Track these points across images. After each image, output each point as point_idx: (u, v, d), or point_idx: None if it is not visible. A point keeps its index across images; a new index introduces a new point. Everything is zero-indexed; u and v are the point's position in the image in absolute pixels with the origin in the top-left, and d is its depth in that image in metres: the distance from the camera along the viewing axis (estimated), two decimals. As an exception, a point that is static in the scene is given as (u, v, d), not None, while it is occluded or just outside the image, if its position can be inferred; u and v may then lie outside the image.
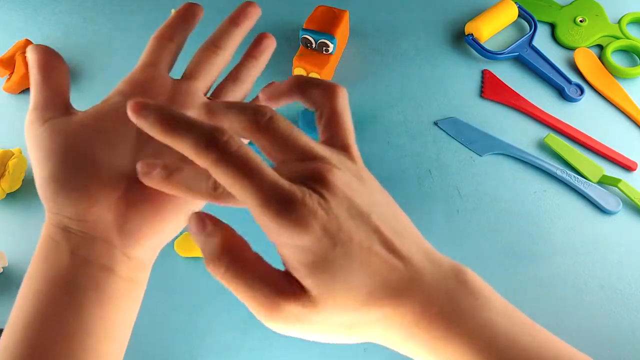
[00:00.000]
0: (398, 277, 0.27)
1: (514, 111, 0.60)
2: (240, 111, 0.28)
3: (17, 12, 0.67)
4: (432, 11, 0.67)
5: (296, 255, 0.27)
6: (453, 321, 0.28)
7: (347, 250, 0.26)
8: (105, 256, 0.31)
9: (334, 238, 0.26)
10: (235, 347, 0.47)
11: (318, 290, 0.26)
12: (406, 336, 0.29)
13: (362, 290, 0.27)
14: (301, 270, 0.27)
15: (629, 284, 0.50)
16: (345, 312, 0.27)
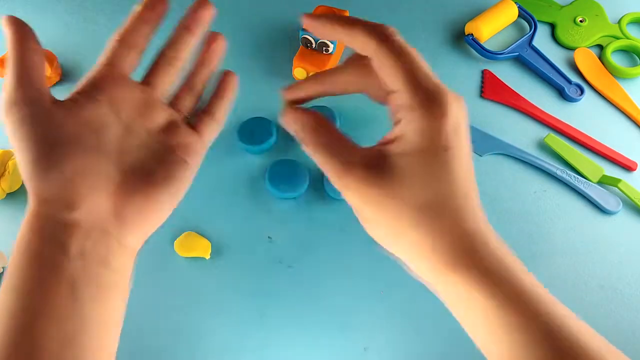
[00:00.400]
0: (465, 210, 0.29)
1: (514, 111, 0.60)
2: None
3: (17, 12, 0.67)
4: (432, 11, 0.67)
5: (413, 133, 0.28)
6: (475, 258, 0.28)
7: (454, 159, 0.29)
8: (101, 247, 0.30)
9: (455, 139, 0.29)
10: (235, 347, 0.47)
11: (401, 169, 0.29)
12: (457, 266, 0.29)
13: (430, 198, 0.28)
14: (405, 145, 0.29)
15: (629, 284, 0.50)
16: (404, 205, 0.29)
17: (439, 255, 0.29)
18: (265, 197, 0.54)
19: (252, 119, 0.57)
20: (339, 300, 0.49)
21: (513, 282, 0.28)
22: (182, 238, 0.51)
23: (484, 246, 0.28)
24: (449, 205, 0.28)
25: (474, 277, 0.28)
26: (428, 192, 0.28)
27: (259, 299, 0.49)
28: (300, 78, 0.60)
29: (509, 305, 0.27)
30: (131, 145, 0.33)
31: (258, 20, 0.66)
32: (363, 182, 0.29)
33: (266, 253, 0.51)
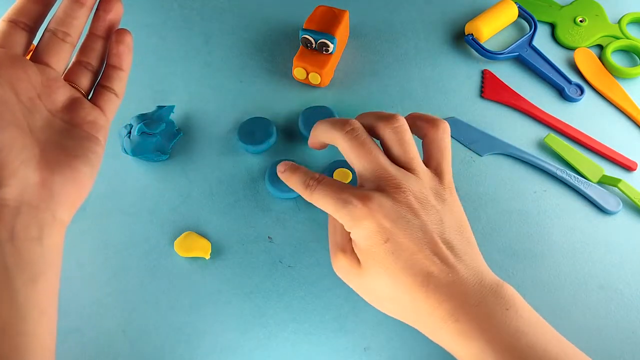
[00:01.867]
0: (438, 278, 0.33)
1: (514, 111, 0.60)
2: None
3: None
4: (432, 11, 0.67)
5: (356, 238, 0.35)
6: (479, 322, 0.32)
7: (396, 247, 0.34)
8: (33, 224, 0.29)
9: (386, 235, 0.34)
10: (235, 347, 0.47)
11: (366, 265, 0.35)
12: (433, 327, 0.34)
13: (402, 279, 0.34)
14: (357, 248, 0.36)
15: (629, 284, 0.50)
16: (383, 289, 0.35)
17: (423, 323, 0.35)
18: (265, 197, 0.54)
19: (252, 119, 0.57)
20: (339, 300, 0.49)
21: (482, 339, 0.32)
22: (182, 238, 0.51)
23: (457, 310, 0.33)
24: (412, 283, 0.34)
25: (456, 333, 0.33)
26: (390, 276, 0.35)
27: (259, 299, 0.49)
28: (300, 78, 0.60)
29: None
30: (37, 126, 0.32)
31: (258, 20, 0.66)
32: (346, 269, 0.37)
33: (266, 253, 0.51)
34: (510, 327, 0.31)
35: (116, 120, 0.59)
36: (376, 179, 0.35)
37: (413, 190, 0.35)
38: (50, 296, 0.31)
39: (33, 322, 0.29)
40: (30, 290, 0.29)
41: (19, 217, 0.29)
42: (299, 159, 0.56)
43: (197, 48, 0.63)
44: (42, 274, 0.30)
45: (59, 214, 0.31)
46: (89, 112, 0.36)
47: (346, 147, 0.37)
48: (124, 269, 0.50)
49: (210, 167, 0.56)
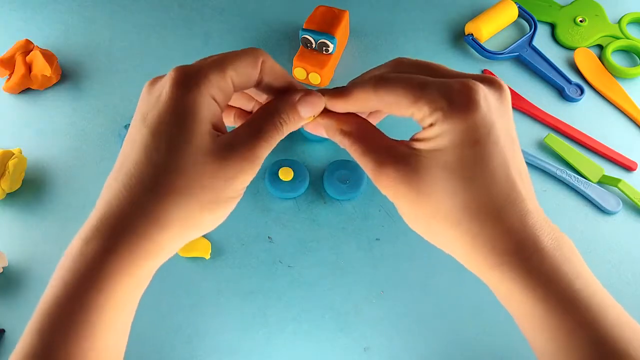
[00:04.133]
0: (516, 203, 0.28)
1: (514, 111, 0.60)
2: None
3: (17, 12, 0.67)
4: (432, 11, 0.67)
5: (438, 133, 0.27)
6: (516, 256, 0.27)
7: (488, 154, 0.27)
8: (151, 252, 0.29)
9: (481, 136, 0.27)
10: (235, 347, 0.47)
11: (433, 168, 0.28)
12: (495, 265, 0.28)
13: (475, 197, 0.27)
14: (433, 144, 0.28)
15: (629, 284, 0.50)
16: (444, 204, 0.28)
17: (479, 253, 0.28)
18: (265, 197, 0.54)
19: (252, 119, 0.57)
20: (339, 300, 0.49)
21: (560, 285, 0.27)
22: (182, 238, 0.51)
23: (527, 244, 0.27)
24: (487, 205, 0.27)
25: (518, 276, 0.27)
26: (464, 194, 0.27)
27: (259, 299, 0.49)
28: (300, 78, 0.60)
29: (555, 308, 0.27)
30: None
31: (258, 20, 0.66)
32: (396, 181, 0.29)
33: (266, 253, 0.51)
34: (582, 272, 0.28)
35: (116, 120, 0.59)
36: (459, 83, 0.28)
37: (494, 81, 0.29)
38: (132, 315, 0.32)
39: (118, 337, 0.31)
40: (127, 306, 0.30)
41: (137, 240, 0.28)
42: (299, 159, 0.55)
43: (197, 48, 0.63)
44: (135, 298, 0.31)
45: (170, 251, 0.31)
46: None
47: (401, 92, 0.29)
48: (124, 269, 0.50)
49: (210, 167, 0.56)
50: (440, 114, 0.27)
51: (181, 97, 0.28)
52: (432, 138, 0.28)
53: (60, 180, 0.55)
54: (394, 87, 0.28)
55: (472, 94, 0.27)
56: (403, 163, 0.29)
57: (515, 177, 0.28)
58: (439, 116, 0.27)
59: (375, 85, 0.29)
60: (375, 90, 0.29)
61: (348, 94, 0.31)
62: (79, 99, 0.60)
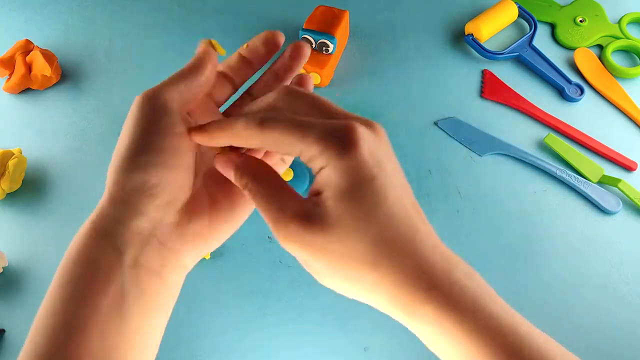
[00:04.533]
0: (417, 236, 0.27)
1: (514, 111, 0.60)
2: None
3: (17, 12, 0.67)
4: (432, 11, 0.67)
5: (334, 176, 0.27)
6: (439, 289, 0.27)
7: (383, 188, 0.27)
8: (157, 260, 0.30)
9: (374, 170, 0.27)
10: (235, 347, 0.47)
11: (336, 218, 0.27)
12: (414, 302, 0.28)
13: (382, 233, 0.27)
14: (331, 190, 0.27)
15: (629, 283, 0.50)
16: (354, 249, 0.27)
17: (401, 296, 0.28)
18: (265, 197, 0.54)
19: (252, 119, 0.57)
20: (339, 300, 0.49)
21: (482, 313, 0.27)
22: (182, 238, 0.51)
23: (444, 278, 0.27)
24: (396, 240, 0.27)
25: (441, 311, 0.27)
26: (369, 231, 0.27)
27: (259, 298, 0.49)
28: (300, 78, 0.60)
29: (481, 338, 0.27)
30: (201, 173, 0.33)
31: (258, 20, 0.66)
32: (300, 234, 0.28)
33: (266, 253, 0.51)
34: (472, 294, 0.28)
35: (116, 120, 0.59)
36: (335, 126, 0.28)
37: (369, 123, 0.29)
38: (156, 332, 0.31)
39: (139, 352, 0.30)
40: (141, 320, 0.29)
41: (146, 247, 0.29)
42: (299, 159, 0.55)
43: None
44: (153, 308, 0.30)
45: (182, 258, 0.31)
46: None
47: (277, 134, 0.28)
48: (124, 269, 0.50)
49: (210, 167, 0.56)
50: (326, 156, 0.27)
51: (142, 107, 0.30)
52: (326, 183, 0.27)
53: (60, 180, 0.55)
54: (279, 128, 0.28)
55: (354, 134, 0.27)
56: (305, 214, 0.28)
57: (412, 212, 0.28)
58: (326, 158, 0.27)
59: (261, 124, 0.28)
60: (261, 129, 0.28)
61: (231, 128, 0.29)
62: (79, 99, 0.60)
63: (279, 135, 0.28)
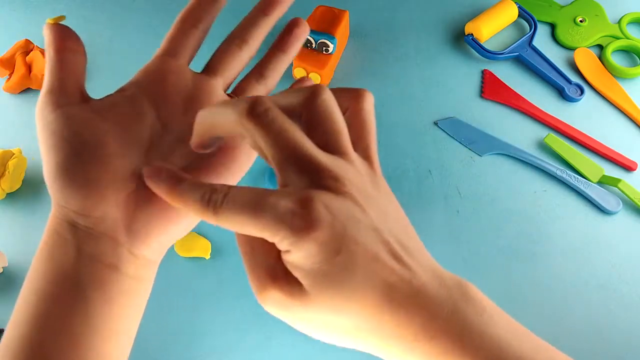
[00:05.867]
0: (402, 288, 0.27)
1: (514, 111, 0.60)
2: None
3: (17, 12, 0.67)
4: (432, 11, 0.67)
5: (297, 258, 0.25)
6: (456, 336, 0.27)
7: (351, 258, 0.26)
8: (111, 254, 0.30)
9: (338, 244, 0.25)
10: (235, 347, 0.47)
11: (315, 291, 0.26)
12: (405, 349, 0.27)
13: (362, 298, 0.26)
14: (300, 272, 0.26)
15: (629, 284, 0.50)
16: (340, 315, 0.26)
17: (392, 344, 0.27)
18: (265, 197, 0.54)
19: (252, 119, 0.57)
20: (339, 300, 0.49)
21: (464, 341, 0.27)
22: (182, 238, 0.51)
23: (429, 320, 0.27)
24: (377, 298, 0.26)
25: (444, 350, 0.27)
26: (347, 306, 0.26)
27: (259, 299, 0.49)
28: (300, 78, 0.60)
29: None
30: (163, 145, 0.31)
31: (258, 20, 0.66)
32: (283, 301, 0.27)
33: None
34: (491, 336, 0.27)
35: (116, 120, 0.59)
36: (304, 171, 0.26)
37: (353, 181, 0.27)
38: (126, 321, 0.31)
39: (102, 341, 0.30)
40: (103, 310, 0.30)
41: (99, 243, 0.30)
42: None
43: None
44: (117, 299, 0.30)
45: (137, 250, 0.31)
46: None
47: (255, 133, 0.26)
48: (124, 269, 0.50)
49: (210, 167, 0.56)
50: (286, 244, 0.25)
51: None
52: (295, 266, 0.26)
53: (60, 180, 0.55)
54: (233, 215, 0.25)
55: (311, 211, 0.25)
56: (289, 285, 0.26)
57: (390, 263, 0.26)
58: (287, 245, 0.25)
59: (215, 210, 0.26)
60: (215, 215, 0.26)
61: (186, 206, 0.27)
62: (79, 99, 0.60)
63: (238, 223, 0.26)
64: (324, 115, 0.27)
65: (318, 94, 0.27)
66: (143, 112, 0.31)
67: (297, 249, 0.25)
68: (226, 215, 0.25)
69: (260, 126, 0.26)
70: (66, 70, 0.31)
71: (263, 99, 0.26)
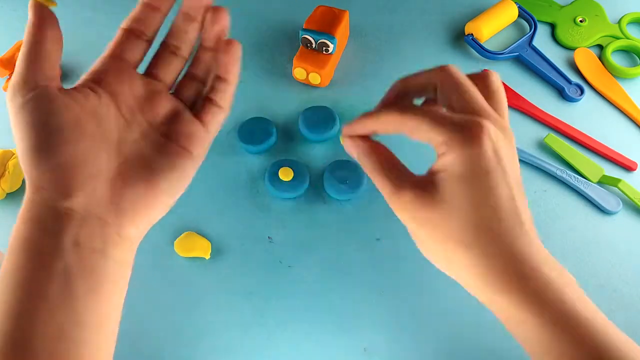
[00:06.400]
0: (520, 233, 0.30)
1: (514, 111, 0.60)
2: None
3: (17, 12, 0.67)
4: (432, 11, 0.67)
5: (454, 162, 0.30)
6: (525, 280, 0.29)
7: (496, 184, 0.30)
8: (98, 237, 0.30)
9: (494, 163, 0.30)
10: (235, 347, 0.47)
11: (447, 196, 0.30)
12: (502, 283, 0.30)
13: (485, 219, 0.30)
14: (448, 173, 0.30)
15: (629, 284, 0.50)
16: (456, 227, 0.30)
17: (490, 278, 0.30)
18: (265, 197, 0.54)
19: (252, 119, 0.57)
20: (339, 300, 0.49)
21: (563, 306, 0.29)
22: (182, 238, 0.51)
23: (534, 270, 0.30)
24: (496, 229, 0.30)
25: (525, 299, 0.29)
26: (475, 216, 0.30)
27: (259, 299, 0.49)
28: (300, 78, 0.60)
29: (559, 329, 0.29)
30: (131, 138, 0.33)
31: (258, 20, 0.66)
32: (413, 204, 0.32)
33: (266, 253, 0.51)
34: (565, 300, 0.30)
35: (116, 120, 0.59)
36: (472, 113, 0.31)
37: (508, 127, 0.32)
38: (110, 309, 0.31)
39: (89, 331, 0.29)
40: (90, 300, 0.29)
41: (84, 227, 0.29)
42: (299, 159, 0.56)
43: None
44: (102, 286, 0.30)
45: (125, 230, 0.31)
46: (188, 125, 0.35)
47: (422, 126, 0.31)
48: (124, 269, 0.50)
49: (210, 167, 0.56)
50: (453, 144, 0.30)
51: None
52: (446, 166, 0.31)
53: (60, 180, 0.55)
54: (417, 115, 0.31)
55: (480, 131, 0.30)
56: (420, 187, 0.32)
57: (520, 208, 0.31)
58: (452, 145, 0.30)
59: (402, 110, 0.32)
60: (402, 115, 0.32)
61: (377, 114, 0.34)
62: (79, 99, 0.60)
63: (415, 122, 0.31)
64: (458, 80, 0.33)
65: (448, 67, 0.33)
66: (108, 106, 0.32)
67: (457, 154, 0.30)
68: (410, 116, 0.32)
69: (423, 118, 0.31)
70: (41, 56, 0.31)
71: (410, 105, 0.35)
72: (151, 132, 0.34)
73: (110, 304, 0.31)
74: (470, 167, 0.30)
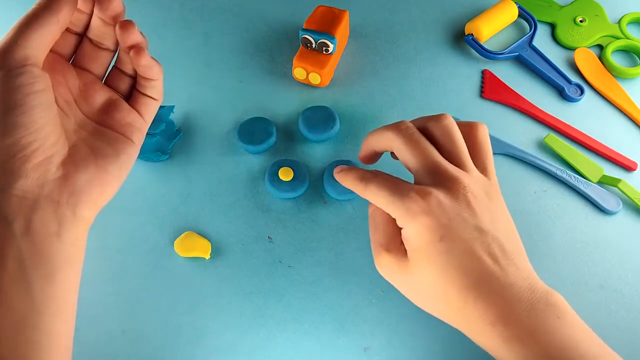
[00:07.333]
0: (490, 281, 0.33)
1: (514, 111, 0.60)
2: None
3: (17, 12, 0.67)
4: (432, 11, 0.67)
5: (409, 234, 0.34)
6: (530, 328, 0.31)
7: (450, 246, 0.33)
8: (52, 220, 0.29)
9: (441, 233, 0.33)
10: (235, 347, 0.47)
11: (416, 263, 0.34)
12: (480, 330, 0.33)
13: (451, 280, 0.33)
14: (409, 245, 0.35)
15: (629, 283, 0.50)
16: (431, 288, 0.34)
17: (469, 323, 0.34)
18: (265, 197, 0.54)
19: (252, 119, 0.57)
20: (339, 300, 0.49)
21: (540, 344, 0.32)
22: (182, 238, 0.51)
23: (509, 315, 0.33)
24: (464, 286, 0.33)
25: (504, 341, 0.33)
26: (441, 281, 0.33)
27: (259, 299, 0.49)
28: (300, 78, 0.60)
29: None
30: (71, 128, 0.33)
31: (258, 20, 0.66)
32: (390, 267, 0.36)
33: (266, 253, 0.51)
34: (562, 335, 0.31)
35: (116, 120, 0.59)
36: (432, 174, 0.35)
37: (468, 186, 0.35)
38: (68, 294, 0.31)
39: (49, 318, 0.29)
40: (46, 286, 0.29)
41: (37, 211, 0.29)
42: (299, 159, 0.56)
43: (197, 48, 0.63)
44: (59, 270, 0.30)
45: (80, 210, 0.31)
46: (125, 114, 0.36)
47: (401, 146, 0.37)
48: (123, 269, 0.50)
49: (210, 167, 0.56)
50: (405, 221, 0.34)
51: None
52: (407, 239, 0.35)
53: (60, 180, 0.55)
54: (375, 191, 0.36)
55: (426, 202, 0.33)
56: (394, 252, 0.36)
57: (485, 260, 0.33)
58: (405, 222, 0.34)
59: (365, 184, 0.37)
60: (365, 187, 0.37)
61: (345, 175, 0.40)
62: (79, 99, 0.60)
63: (373, 198, 0.36)
64: (449, 134, 0.37)
65: (443, 119, 0.38)
66: (53, 92, 0.33)
67: (409, 227, 0.34)
68: (372, 189, 0.36)
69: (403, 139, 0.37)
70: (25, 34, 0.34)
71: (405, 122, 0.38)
72: (89, 122, 0.35)
73: (66, 287, 0.31)
74: (422, 239, 0.33)
